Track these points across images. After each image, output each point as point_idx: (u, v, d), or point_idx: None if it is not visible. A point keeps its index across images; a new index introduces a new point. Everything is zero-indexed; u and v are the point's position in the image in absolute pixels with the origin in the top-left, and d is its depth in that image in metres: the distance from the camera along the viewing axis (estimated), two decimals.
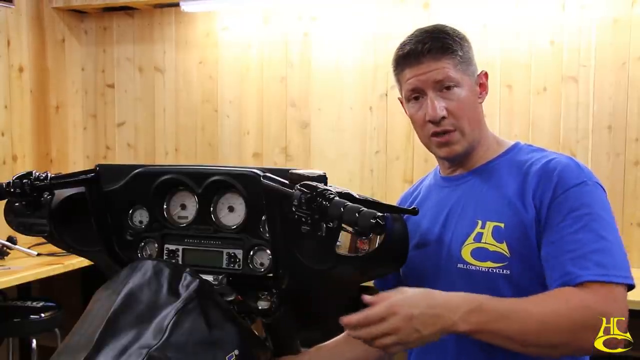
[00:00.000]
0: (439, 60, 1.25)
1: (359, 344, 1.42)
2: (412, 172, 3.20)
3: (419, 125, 1.30)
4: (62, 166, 3.86)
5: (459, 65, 1.26)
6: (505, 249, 1.20)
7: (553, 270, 1.15)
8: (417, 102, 1.29)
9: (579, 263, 1.11)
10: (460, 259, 1.24)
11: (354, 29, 3.30)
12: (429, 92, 1.26)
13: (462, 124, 1.26)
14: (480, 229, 1.23)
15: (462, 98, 1.26)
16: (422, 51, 1.25)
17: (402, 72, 1.30)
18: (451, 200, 1.32)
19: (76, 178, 1.30)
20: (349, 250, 1.11)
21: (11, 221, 1.36)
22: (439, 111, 1.25)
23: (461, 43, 1.28)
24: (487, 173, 1.30)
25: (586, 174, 1.21)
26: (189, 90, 3.69)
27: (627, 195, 2.85)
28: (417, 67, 1.26)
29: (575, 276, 1.10)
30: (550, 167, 1.22)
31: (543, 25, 2.96)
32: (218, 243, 1.27)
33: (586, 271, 1.10)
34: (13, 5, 3.56)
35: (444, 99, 1.25)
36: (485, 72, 1.33)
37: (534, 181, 1.21)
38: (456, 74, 1.26)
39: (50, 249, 3.07)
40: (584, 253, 1.12)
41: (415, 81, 1.27)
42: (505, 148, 1.33)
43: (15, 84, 3.60)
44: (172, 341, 1.00)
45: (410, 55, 1.27)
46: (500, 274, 1.20)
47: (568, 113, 2.94)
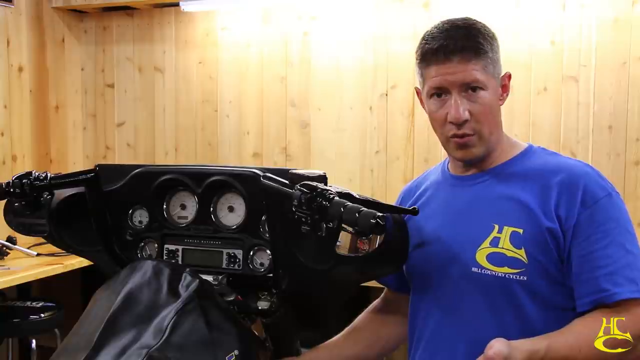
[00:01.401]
0: (469, 61, 1.21)
1: (358, 342, 1.42)
2: (412, 172, 3.19)
3: (439, 123, 1.26)
4: (61, 166, 3.85)
5: (487, 66, 1.23)
6: (524, 255, 1.19)
7: (585, 285, 1.17)
8: (440, 100, 1.25)
9: (612, 280, 1.14)
10: (475, 262, 1.22)
11: (353, 29, 3.29)
12: (454, 92, 1.22)
13: (482, 128, 1.24)
14: (497, 233, 1.21)
15: (486, 101, 1.23)
16: (454, 49, 1.21)
17: (428, 66, 1.25)
18: (462, 199, 1.30)
19: (76, 178, 1.30)
20: (349, 250, 1.11)
21: (11, 221, 1.36)
22: (463, 114, 1.21)
23: (492, 43, 1.25)
24: (503, 176, 1.28)
25: (609, 184, 1.22)
26: (189, 90, 3.69)
27: (627, 195, 2.84)
28: (446, 65, 1.21)
29: (610, 294, 1.14)
30: (573, 178, 1.21)
31: (543, 25, 2.95)
32: (218, 243, 1.27)
33: (620, 288, 1.14)
34: (13, 5, 3.56)
35: (469, 102, 1.22)
36: (509, 73, 1.30)
37: (556, 191, 1.20)
38: (484, 76, 1.22)
39: (50, 249, 3.06)
40: (616, 269, 1.15)
41: (442, 80, 1.22)
42: (519, 151, 1.31)
43: (15, 84, 3.60)
44: (172, 341, 1.00)
45: (440, 52, 1.22)
46: (517, 280, 1.19)
47: (568, 113, 2.93)
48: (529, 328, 1.19)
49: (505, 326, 1.20)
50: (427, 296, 1.31)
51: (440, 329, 1.28)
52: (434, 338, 1.29)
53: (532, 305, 1.20)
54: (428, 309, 1.31)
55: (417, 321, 1.34)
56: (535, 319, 1.20)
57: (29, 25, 3.68)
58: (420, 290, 1.34)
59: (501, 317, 1.21)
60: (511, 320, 1.21)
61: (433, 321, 1.30)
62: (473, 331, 1.22)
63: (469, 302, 1.24)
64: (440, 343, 1.27)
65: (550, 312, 1.20)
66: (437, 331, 1.29)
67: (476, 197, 1.28)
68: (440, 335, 1.28)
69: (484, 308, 1.22)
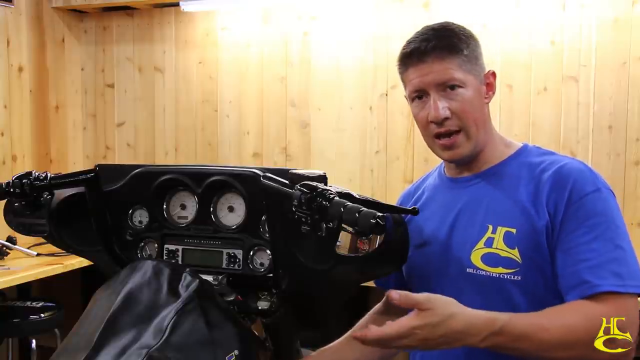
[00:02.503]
0: (443, 59, 1.22)
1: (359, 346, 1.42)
2: (412, 172, 3.20)
3: (422, 125, 1.28)
4: (61, 166, 3.86)
5: (464, 65, 1.23)
6: (517, 255, 1.19)
7: (568, 278, 1.15)
8: (421, 102, 1.26)
9: (595, 272, 1.12)
10: (470, 263, 1.23)
11: (353, 29, 3.29)
12: (432, 92, 1.23)
13: (467, 124, 1.24)
14: (491, 234, 1.22)
15: (466, 98, 1.23)
16: (426, 50, 1.23)
17: (406, 71, 1.27)
18: (459, 202, 1.30)
19: (76, 178, 1.30)
20: (349, 250, 1.11)
21: (10, 221, 1.36)
22: (442, 112, 1.22)
23: (467, 41, 1.25)
24: (497, 176, 1.28)
25: (600, 181, 1.21)
26: (189, 90, 3.69)
27: (627, 195, 2.85)
28: (421, 66, 1.23)
29: (592, 285, 1.11)
30: (564, 172, 1.20)
31: (543, 25, 2.95)
32: (218, 243, 1.26)
33: (603, 281, 1.11)
34: (13, 5, 3.56)
35: (448, 100, 1.23)
36: (492, 71, 1.30)
37: (547, 187, 1.20)
38: (460, 74, 1.23)
39: (50, 249, 3.07)
40: (600, 262, 1.13)
41: (418, 81, 1.24)
42: (514, 150, 1.31)
43: (15, 84, 3.60)
44: (172, 341, 1.00)
45: (414, 54, 1.24)
46: (511, 279, 1.19)
47: (568, 113, 2.94)
48: None
49: None
50: None
51: None
52: None
53: (528, 305, 1.19)
54: None
55: None
56: None
57: (29, 25, 3.68)
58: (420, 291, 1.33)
59: None
60: None
61: None
62: None
63: (466, 302, 1.23)
64: None
65: None
66: None
67: (472, 198, 1.28)
68: None
69: (480, 308, 1.22)
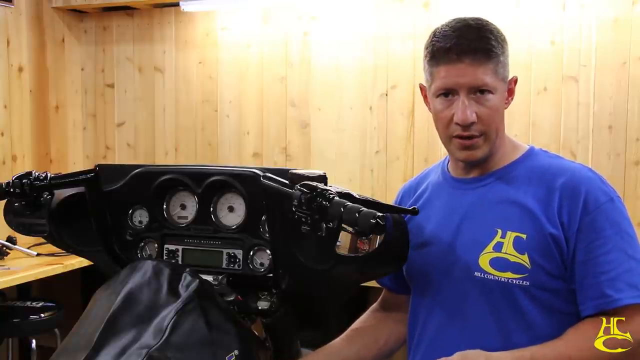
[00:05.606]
0: (480, 64, 1.18)
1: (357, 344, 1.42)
2: (412, 172, 3.19)
3: (444, 123, 1.24)
4: (61, 166, 3.85)
5: (497, 70, 1.21)
6: (527, 260, 1.19)
7: (587, 290, 1.17)
8: (447, 100, 1.23)
9: (614, 285, 1.15)
10: (478, 267, 1.22)
11: (353, 29, 3.29)
12: (462, 94, 1.20)
13: (489, 130, 1.22)
14: (500, 238, 1.21)
15: (494, 105, 1.22)
16: (465, 51, 1.18)
17: (437, 65, 1.22)
18: (465, 203, 1.28)
19: (76, 178, 1.30)
20: (349, 250, 1.11)
21: (10, 221, 1.36)
22: (470, 116, 1.20)
23: (503, 46, 1.23)
24: (506, 179, 1.27)
25: (610, 189, 1.22)
26: (189, 90, 3.69)
27: (627, 195, 2.84)
28: (458, 65, 1.19)
29: (612, 300, 1.14)
30: (575, 182, 1.20)
31: (543, 25, 2.95)
32: (218, 243, 1.27)
33: (622, 294, 1.14)
34: (13, 5, 3.55)
35: (476, 104, 1.20)
36: (515, 77, 1.29)
37: (559, 196, 1.20)
38: (493, 80, 1.20)
39: (50, 249, 3.06)
40: (617, 275, 1.15)
41: (451, 81, 1.20)
42: (521, 153, 1.30)
43: (15, 84, 3.60)
44: (172, 341, 1.00)
45: (451, 52, 1.19)
46: (519, 285, 1.19)
47: (568, 113, 2.93)
48: (532, 333, 1.19)
49: (508, 331, 1.20)
50: (428, 298, 1.31)
51: (442, 332, 1.28)
52: (436, 341, 1.29)
53: (535, 311, 1.20)
54: (429, 311, 1.31)
55: (418, 323, 1.33)
56: (539, 324, 1.20)
57: (29, 25, 3.67)
58: (421, 292, 1.33)
59: (504, 322, 1.21)
60: (514, 325, 1.20)
61: (434, 324, 1.29)
62: (476, 336, 1.22)
63: (472, 306, 1.24)
64: (442, 346, 1.26)
65: (554, 317, 1.20)
66: (439, 334, 1.28)
67: (479, 200, 1.27)
68: (442, 338, 1.27)
69: (486, 313, 1.22)
